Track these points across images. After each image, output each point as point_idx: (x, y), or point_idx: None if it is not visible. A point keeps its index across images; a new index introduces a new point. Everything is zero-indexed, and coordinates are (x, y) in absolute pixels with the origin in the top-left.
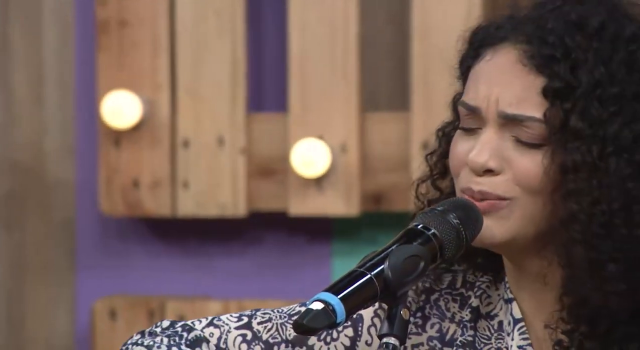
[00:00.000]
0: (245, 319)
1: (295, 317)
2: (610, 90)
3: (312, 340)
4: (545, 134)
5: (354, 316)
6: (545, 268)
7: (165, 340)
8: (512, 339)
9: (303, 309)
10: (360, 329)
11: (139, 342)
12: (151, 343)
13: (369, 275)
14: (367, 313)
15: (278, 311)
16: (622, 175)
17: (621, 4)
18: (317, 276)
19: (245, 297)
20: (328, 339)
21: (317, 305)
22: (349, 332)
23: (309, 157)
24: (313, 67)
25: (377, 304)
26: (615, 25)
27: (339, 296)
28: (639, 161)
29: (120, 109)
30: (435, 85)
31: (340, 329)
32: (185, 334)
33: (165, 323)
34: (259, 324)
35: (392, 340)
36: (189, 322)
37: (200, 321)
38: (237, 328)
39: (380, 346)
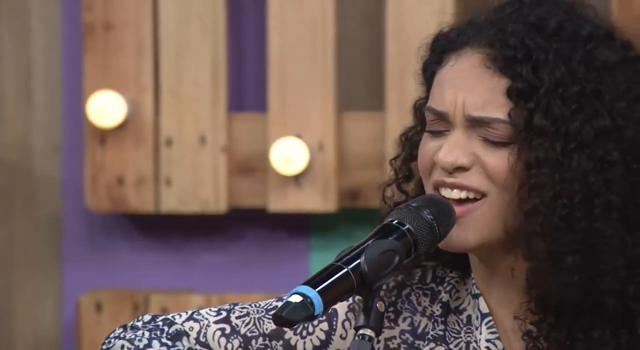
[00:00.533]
0: (224, 314)
1: (272, 312)
2: (571, 88)
3: (289, 334)
4: (511, 133)
5: (329, 311)
6: (513, 262)
7: (147, 333)
8: (481, 333)
9: (280, 303)
10: (335, 323)
11: (121, 335)
12: (132, 336)
13: (346, 269)
14: (341, 308)
15: (256, 306)
16: (583, 170)
17: (576, 5)
18: (296, 270)
19: (226, 291)
20: (304, 333)
21: (296, 298)
22: (324, 326)
23: (288, 155)
24: (292, 68)
25: (351, 299)
26: (572, 25)
27: (317, 289)
28: (600, 156)
29: (106, 108)
30: (409, 85)
31: (315, 323)
32: (166, 328)
33: (147, 317)
34: (237, 318)
35: (368, 331)
36: (169, 316)
37: (181, 315)
38: (216, 322)
39: (357, 337)
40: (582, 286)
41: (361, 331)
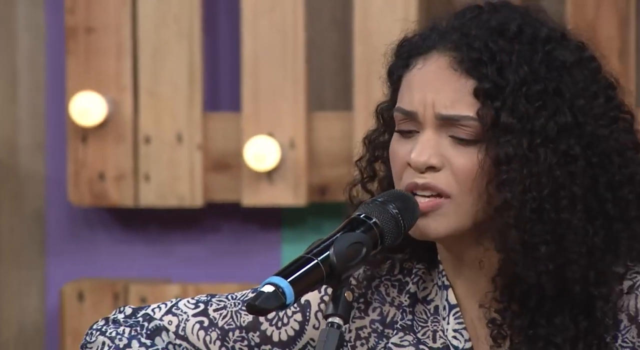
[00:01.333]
0: (202, 306)
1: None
2: (534, 87)
3: (265, 325)
4: (479, 131)
5: (303, 303)
6: (482, 254)
7: (127, 331)
8: (448, 323)
9: (257, 292)
10: (308, 314)
11: (103, 330)
12: (114, 334)
13: (315, 261)
14: (314, 300)
15: (232, 298)
16: (549, 164)
17: (531, 10)
18: (268, 261)
19: (202, 281)
20: (279, 324)
21: (269, 288)
22: (298, 317)
23: (261, 152)
24: (264, 69)
25: (323, 291)
26: (531, 28)
27: (289, 280)
28: (563, 151)
29: (87, 108)
30: (376, 86)
31: (290, 314)
32: (145, 324)
33: (128, 310)
34: (214, 311)
35: (337, 319)
36: (149, 311)
37: (160, 308)
38: (194, 315)
39: (327, 325)
40: (555, 274)
41: (330, 319)
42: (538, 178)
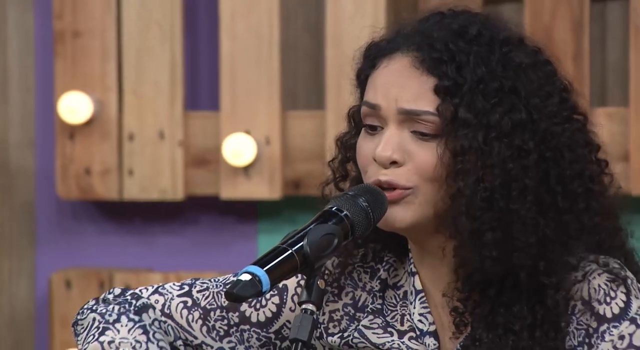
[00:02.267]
0: (186, 288)
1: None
2: (491, 85)
3: (244, 306)
4: (439, 126)
5: (280, 286)
6: (443, 242)
7: (116, 308)
8: (414, 307)
9: (234, 280)
10: (285, 297)
11: (94, 308)
12: (104, 311)
13: (290, 251)
14: (291, 284)
15: (215, 281)
16: (503, 157)
17: (491, 17)
18: (245, 251)
19: (182, 270)
20: (258, 305)
21: (246, 277)
22: (276, 300)
23: (238, 148)
24: (241, 71)
25: (300, 276)
26: (489, 32)
27: (265, 269)
28: (517, 145)
29: (74, 107)
30: (346, 87)
31: (268, 297)
32: (133, 301)
33: (117, 291)
34: (198, 292)
35: (310, 306)
36: (137, 291)
37: (147, 289)
38: (179, 296)
39: (301, 311)
40: (499, 260)
41: (304, 306)
42: (491, 170)
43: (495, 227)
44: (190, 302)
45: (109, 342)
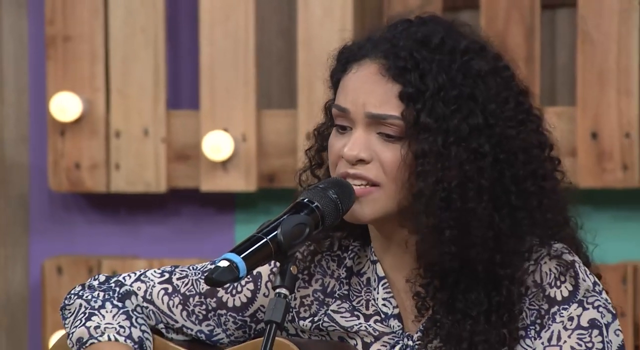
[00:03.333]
0: (167, 275)
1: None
2: (451, 92)
3: (221, 292)
4: (403, 129)
5: (255, 274)
6: (407, 235)
7: (101, 294)
8: (378, 293)
9: (213, 266)
10: (259, 284)
11: (80, 294)
12: (89, 297)
13: (265, 239)
14: (265, 272)
15: (193, 268)
16: (460, 159)
17: (455, 24)
18: (223, 240)
19: (165, 257)
20: (234, 291)
21: (224, 263)
22: (251, 286)
23: (216, 145)
24: (219, 73)
25: (273, 264)
26: (452, 41)
27: (241, 256)
28: (473, 149)
29: (65, 106)
30: (316, 88)
31: (243, 283)
32: (117, 289)
33: (102, 277)
34: (177, 279)
35: (284, 290)
36: (120, 278)
37: (130, 276)
38: (160, 283)
39: (275, 295)
40: (458, 255)
41: (278, 290)
42: (449, 171)
43: (453, 225)
44: (170, 289)
45: (95, 327)
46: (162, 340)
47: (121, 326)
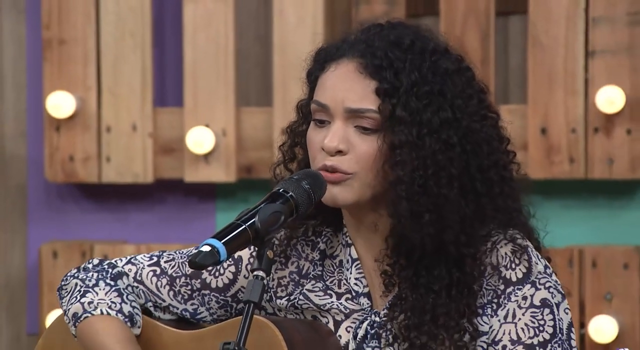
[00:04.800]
0: (155, 259)
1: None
2: (423, 88)
3: (205, 274)
4: (379, 122)
5: (236, 257)
6: (377, 219)
7: (95, 274)
8: (351, 273)
9: (197, 251)
10: (240, 266)
11: (75, 275)
12: (84, 277)
13: (244, 226)
14: (245, 256)
15: (179, 253)
16: (433, 150)
17: (420, 28)
18: (205, 227)
19: (152, 242)
20: (216, 274)
21: (206, 248)
22: (232, 269)
23: (199, 139)
24: (202, 74)
25: (252, 249)
26: (420, 42)
27: (222, 241)
28: (444, 140)
29: (60, 104)
30: (291, 88)
31: (225, 266)
32: (110, 270)
33: (95, 261)
34: (165, 262)
35: (261, 273)
36: (112, 261)
37: (122, 260)
38: (149, 265)
39: (252, 277)
40: (435, 236)
41: (255, 273)
42: (424, 160)
43: (431, 209)
44: (158, 271)
45: (89, 303)
46: (150, 320)
47: (113, 302)
